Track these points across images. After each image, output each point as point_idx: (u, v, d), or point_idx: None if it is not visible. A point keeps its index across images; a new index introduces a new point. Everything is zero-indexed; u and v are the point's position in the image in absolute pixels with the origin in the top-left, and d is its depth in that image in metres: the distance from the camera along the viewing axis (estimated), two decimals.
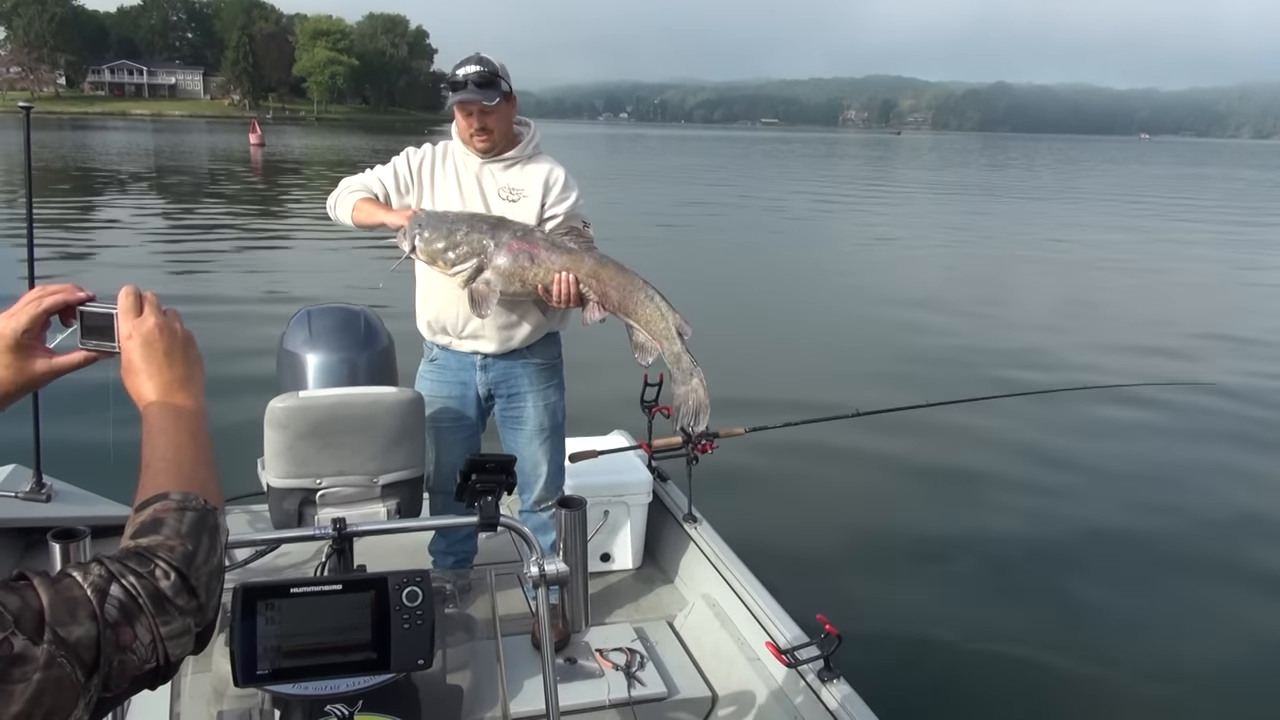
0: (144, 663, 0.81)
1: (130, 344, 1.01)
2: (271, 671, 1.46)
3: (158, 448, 0.96)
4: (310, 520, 2.15)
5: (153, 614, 0.81)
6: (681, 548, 3.31)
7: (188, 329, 1.05)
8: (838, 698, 2.31)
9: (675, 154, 58.85)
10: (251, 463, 2.34)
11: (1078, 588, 4.51)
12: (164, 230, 15.92)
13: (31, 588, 0.77)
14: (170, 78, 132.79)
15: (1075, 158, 74.95)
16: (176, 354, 1.02)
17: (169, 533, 0.87)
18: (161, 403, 0.99)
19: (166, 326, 1.03)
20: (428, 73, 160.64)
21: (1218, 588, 4.55)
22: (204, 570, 0.87)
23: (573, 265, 2.44)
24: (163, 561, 0.84)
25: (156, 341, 1.01)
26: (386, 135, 66.25)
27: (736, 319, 9.49)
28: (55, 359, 1.04)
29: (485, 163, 2.70)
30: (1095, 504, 5.50)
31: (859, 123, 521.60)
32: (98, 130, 58.61)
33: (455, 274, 2.45)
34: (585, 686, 2.66)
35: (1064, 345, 9.46)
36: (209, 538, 0.90)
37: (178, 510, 0.90)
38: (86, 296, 1.05)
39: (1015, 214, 24.96)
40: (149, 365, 1.00)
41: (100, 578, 0.80)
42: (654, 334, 2.47)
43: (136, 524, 0.89)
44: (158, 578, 0.83)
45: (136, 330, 1.01)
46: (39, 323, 1.03)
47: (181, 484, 0.93)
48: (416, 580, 1.55)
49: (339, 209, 2.70)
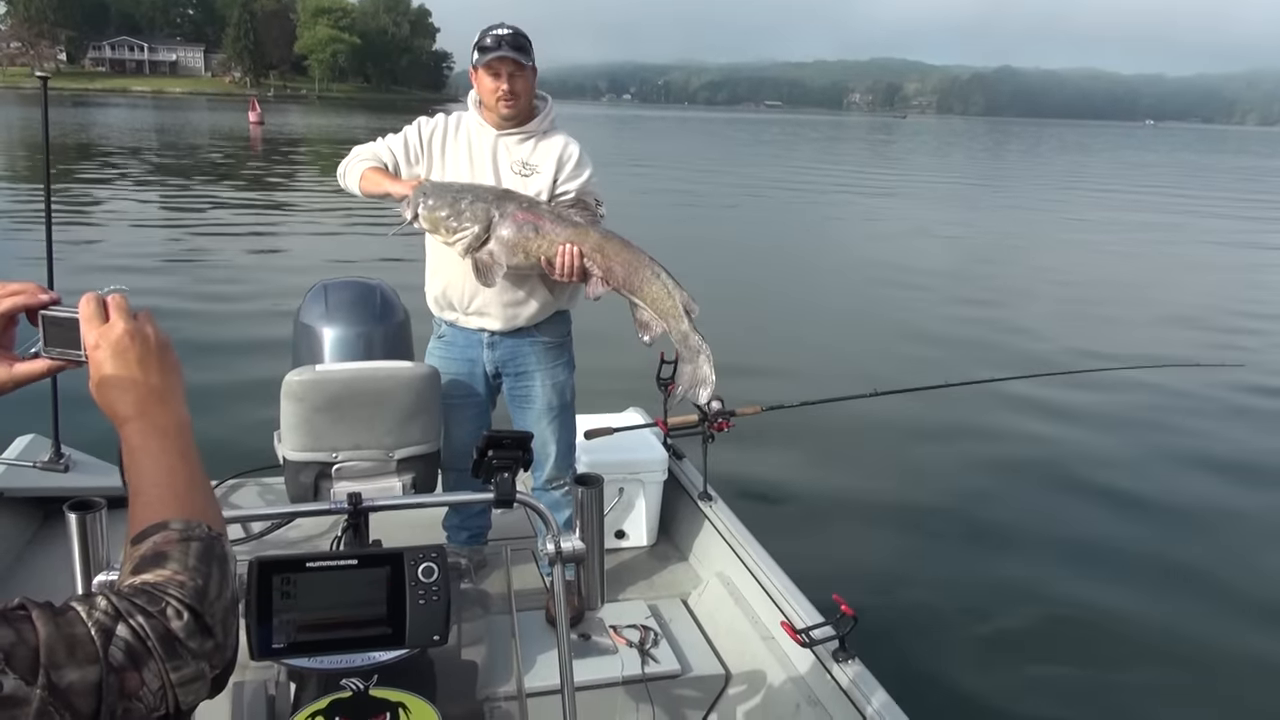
0: (151, 711, 0.73)
1: (98, 354, 0.90)
2: (287, 645, 1.45)
3: (146, 472, 0.87)
4: (325, 494, 2.14)
5: (163, 658, 0.74)
6: (696, 526, 3.29)
7: (162, 333, 0.95)
8: (852, 678, 2.29)
9: (682, 136, 58.60)
10: (267, 435, 2.33)
11: (1097, 571, 4.51)
12: (158, 208, 15.90)
13: (29, 621, 0.69)
14: (171, 54, 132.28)
15: (1079, 144, 74.68)
16: (152, 362, 0.91)
17: (176, 567, 0.79)
18: (142, 420, 0.89)
19: (138, 332, 0.92)
20: (429, 51, 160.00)
21: (1242, 565, 4.55)
22: (218, 606, 0.80)
23: (578, 238, 2.40)
24: (174, 600, 0.76)
25: (129, 349, 0.90)
26: (388, 114, 65.92)
27: (756, 299, 9.54)
28: (16, 367, 0.95)
29: (501, 135, 2.66)
30: (1117, 486, 5.49)
31: (863, 106, 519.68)
32: (99, 107, 58.34)
33: (456, 240, 2.40)
34: (599, 663, 2.65)
35: (1083, 327, 9.45)
36: (219, 569, 0.82)
37: (181, 541, 0.82)
38: (50, 299, 0.95)
39: (1027, 198, 24.85)
40: (121, 376, 0.90)
41: (106, 615, 0.73)
42: (660, 312, 2.44)
43: (136, 559, 0.81)
44: (169, 618, 0.75)
45: (104, 338, 0.91)
46: None
47: (180, 511, 0.84)
48: (432, 556, 1.54)
49: (348, 177, 2.67)
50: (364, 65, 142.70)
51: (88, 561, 1.49)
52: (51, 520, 3.23)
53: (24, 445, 3.33)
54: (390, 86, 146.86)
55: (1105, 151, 60.66)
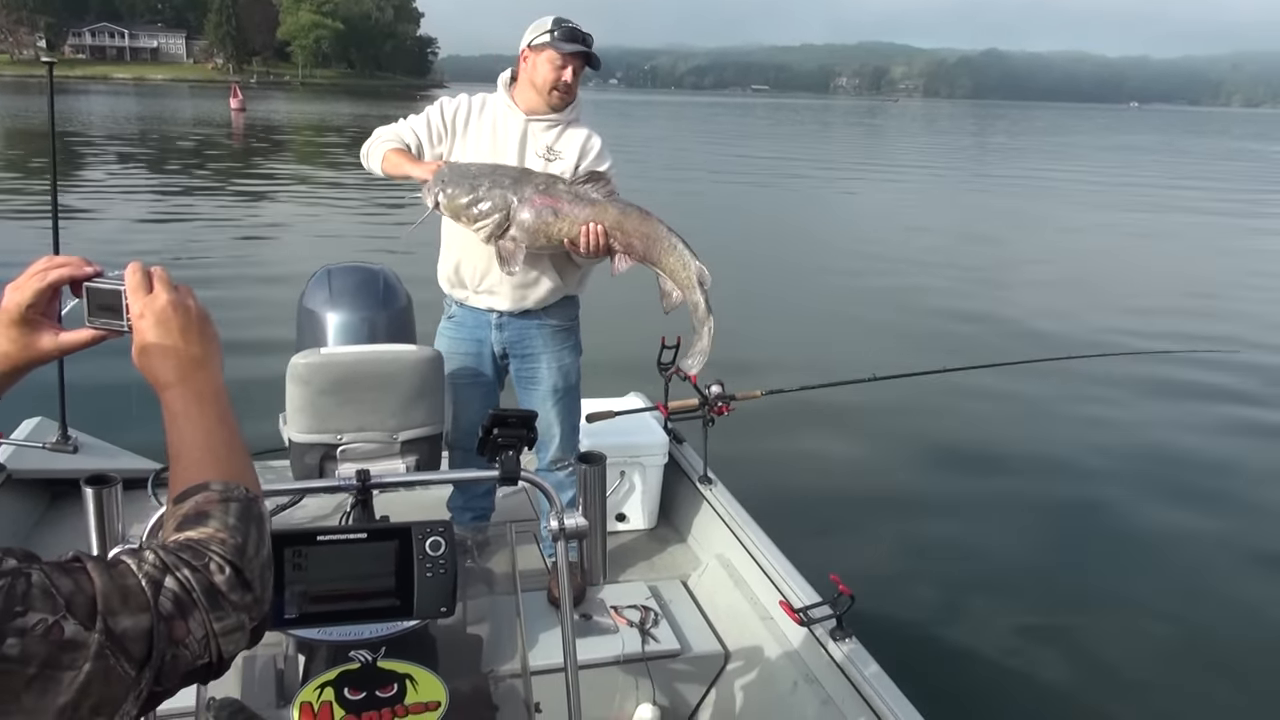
0: (196, 658, 0.78)
1: (142, 323, 0.94)
2: (298, 616, 1.48)
3: (187, 435, 0.91)
4: (331, 475, 2.15)
5: (207, 609, 0.78)
6: (696, 508, 3.32)
7: (202, 305, 0.99)
8: (849, 655, 2.32)
9: (673, 120, 58.40)
10: (272, 419, 2.34)
11: (1093, 551, 4.58)
12: (140, 194, 15.80)
13: (85, 571, 0.74)
14: (152, 41, 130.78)
15: (1066, 127, 74.83)
16: (193, 332, 0.95)
17: (217, 525, 0.83)
18: (183, 386, 0.93)
19: (180, 303, 0.96)
20: (414, 37, 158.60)
21: (1241, 554, 4.61)
22: (256, 562, 0.84)
23: (597, 217, 2.42)
24: (216, 555, 0.81)
25: (171, 319, 0.94)
26: (372, 100, 65.49)
27: (756, 283, 9.59)
28: (62, 336, 0.98)
29: (530, 120, 2.69)
30: (1113, 469, 5.57)
31: (850, 90, 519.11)
32: (79, 95, 57.63)
33: (479, 229, 2.43)
34: (600, 642, 2.68)
35: (1079, 311, 9.55)
36: (256, 528, 0.86)
37: (221, 501, 0.86)
38: (94, 271, 0.99)
39: (1021, 182, 24.89)
40: (164, 345, 0.94)
41: (154, 568, 0.77)
42: (677, 282, 2.47)
43: (179, 516, 0.85)
44: (212, 572, 0.79)
45: (148, 308, 0.95)
46: (44, 297, 0.97)
47: (220, 472, 0.88)
48: (440, 530, 1.57)
49: (371, 159, 2.69)
50: (347, 51, 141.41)
51: (104, 535, 1.51)
52: (59, 501, 3.25)
53: (31, 428, 3.35)
54: (374, 72, 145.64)
55: (1091, 134, 60.83)
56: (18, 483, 3.13)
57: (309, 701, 1.69)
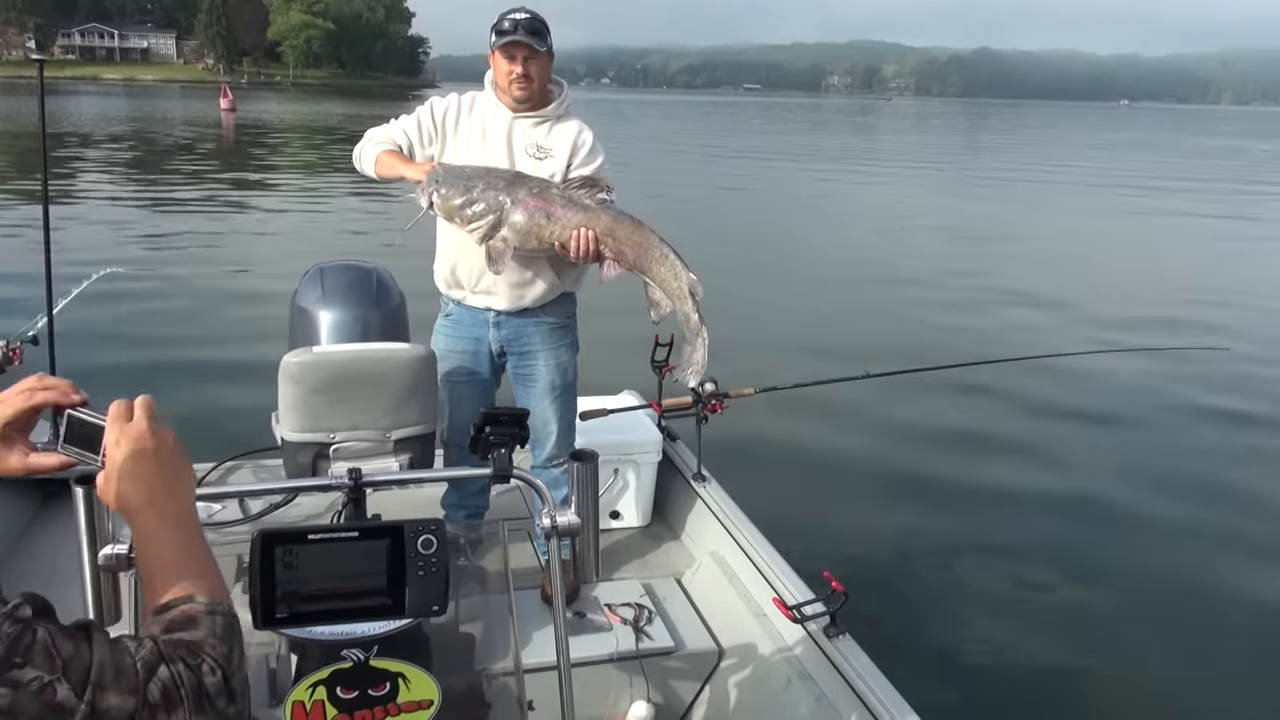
0: None
1: (117, 450, 0.96)
2: (289, 616, 1.47)
3: (168, 552, 0.93)
4: (323, 474, 2.15)
5: (192, 708, 0.79)
6: (690, 506, 3.32)
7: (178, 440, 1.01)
8: (843, 652, 2.33)
9: (666, 119, 58.42)
10: (265, 418, 2.34)
11: (1084, 547, 4.59)
12: (127, 193, 15.77)
13: (87, 640, 0.76)
14: (142, 41, 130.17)
15: (1056, 125, 75.08)
16: (166, 458, 0.98)
17: (207, 633, 0.85)
18: (153, 510, 0.95)
19: (156, 431, 0.98)
20: (405, 37, 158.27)
21: (1238, 552, 4.62)
22: (239, 676, 0.86)
23: (589, 222, 2.41)
24: (210, 659, 0.83)
25: (146, 445, 0.97)
26: (363, 100, 65.30)
27: (748, 281, 9.61)
28: (31, 458, 1.00)
29: (516, 117, 2.68)
30: (1105, 466, 5.58)
31: (842, 89, 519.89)
32: (69, 95, 57.34)
33: (472, 230, 2.43)
34: (594, 640, 2.68)
35: (1069, 308, 9.57)
36: (238, 644, 0.89)
37: (208, 614, 0.88)
38: (80, 400, 1.02)
39: (1013, 181, 24.94)
40: (136, 470, 0.95)
41: (151, 654, 0.79)
42: (668, 292, 2.46)
43: (166, 621, 0.87)
44: (204, 673, 0.81)
45: (125, 435, 0.97)
46: (24, 416, 0.99)
47: (204, 588, 0.91)
48: (432, 529, 1.56)
49: (363, 161, 2.68)
50: (338, 51, 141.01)
51: (94, 534, 1.51)
52: (51, 501, 3.23)
53: None
54: (365, 72, 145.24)
55: (1082, 132, 61.08)
56: (10, 482, 3.12)
57: (301, 701, 1.68)
